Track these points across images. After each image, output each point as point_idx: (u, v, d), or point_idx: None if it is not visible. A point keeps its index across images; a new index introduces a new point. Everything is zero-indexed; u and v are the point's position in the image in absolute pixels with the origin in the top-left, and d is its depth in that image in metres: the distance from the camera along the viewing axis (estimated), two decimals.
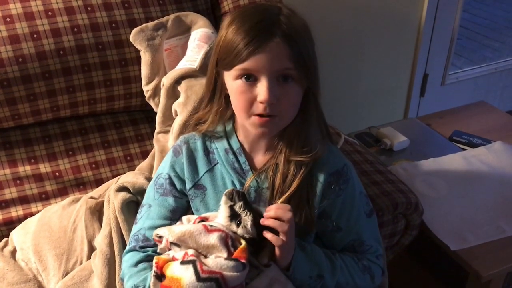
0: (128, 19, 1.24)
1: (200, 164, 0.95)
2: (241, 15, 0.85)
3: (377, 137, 1.65)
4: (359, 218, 0.96)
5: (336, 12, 1.83)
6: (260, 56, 0.81)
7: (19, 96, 1.18)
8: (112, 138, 1.30)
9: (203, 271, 0.78)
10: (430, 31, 2.12)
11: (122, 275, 0.95)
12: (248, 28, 0.82)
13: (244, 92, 0.84)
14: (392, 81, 2.18)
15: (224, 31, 0.85)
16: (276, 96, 0.83)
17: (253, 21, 0.82)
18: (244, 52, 0.81)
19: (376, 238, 1.00)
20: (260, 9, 0.88)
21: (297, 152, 0.89)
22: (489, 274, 1.22)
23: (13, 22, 1.16)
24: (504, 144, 1.59)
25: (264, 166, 0.92)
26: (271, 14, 0.84)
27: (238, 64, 0.82)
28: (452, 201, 1.40)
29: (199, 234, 0.82)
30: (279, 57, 0.81)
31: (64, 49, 1.19)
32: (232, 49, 0.82)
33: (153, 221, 0.95)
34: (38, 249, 1.09)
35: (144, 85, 1.24)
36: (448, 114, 1.83)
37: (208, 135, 0.96)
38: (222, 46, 0.85)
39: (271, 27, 0.81)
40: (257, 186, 0.92)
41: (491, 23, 3.72)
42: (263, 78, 0.82)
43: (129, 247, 0.97)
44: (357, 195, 0.96)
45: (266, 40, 0.80)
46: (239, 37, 0.82)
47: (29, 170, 1.22)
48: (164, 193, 0.96)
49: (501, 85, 2.56)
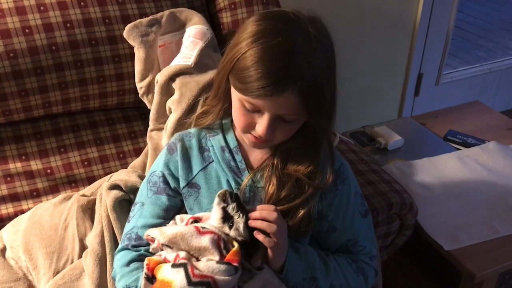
0: (122, 14, 1.22)
1: (195, 162, 0.94)
2: (267, 39, 0.78)
3: (371, 136, 1.65)
4: (354, 218, 0.95)
5: (331, 11, 1.82)
6: (270, 101, 0.79)
7: (10, 92, 1.16)
8: (105, 135, 1.28)
9: (195, 275, 0.77)
10: (425, 31, 2.13)
11: (114, 274, 0.94)
12: (268, 70, 0.77)
13: (245, 116, 0.84)
14: (387, 80, 2.18)
15: (245, 46, 0.79)
16: (273, 130, 0.83)
17: (276, 64, 0.77)
18: (256, 92, 0.78)
19: (370, 239, 1.00)
20: (287, 45, 0.78)
21: (297, 168, 0.89)
22: (482, 274, 1.22)
23: (4, 17, 1.14)
24: (498, 144, 1.59)
25: (261, 166, 0.91)
26: (296, 55, 0.77)
27: (247, 96, 0.81)
28: (446, 201, 1.40)
29: (191, 236, 0.81)
30: (288, 106, 0.80)
31: (56, 44, 1.17)
32: (245, 80, 0.79)
33: (146, 219, 0.94)
34: (29, 247, 1.08)
35: (137, 81, 1.23)
36: (443, 114, 1.83)
37: (203, 132, 0.95)
38: (238, 65, 0.80)
39: (290, 77, 0.77)
40: (252, 185, 0.91)
41: (485, 24, 3.73)
42: (266, 115, 0.82)
43: (121, 245, 0.96)
44: (352, 195, 0.95)
45: (281, 90, 0.77)
46: (257, 74, 0.77)
47: (20, 167, 1.20)
48: (158, 191, 0.94)
49: (495, 85, 2.57)
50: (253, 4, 1.32)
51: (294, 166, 0.89)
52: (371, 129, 1.66)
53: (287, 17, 0.82)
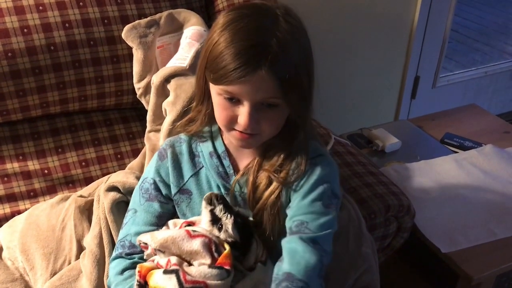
0: (121, 15, 1.22)
1: (185, 168, 0.93)
2: (236, 23, 0.79)
3: (369, 139, 1.65)
4: (314, 203, 0.87)
5: (329, 12, 1.83)
6: (246, 84, 0.78)
7: (8, 92, 1.16)
8: (103, 136, 1.28)
9: (187, 281, 0.77)
10: (422, 34, 2.13)
11: (109, 283, 0.94)
12: (238, 50, 0.77)
13: (226, 110, 0.83)
14: (383, 82, 2.19)
15: (216, 36, 0.80)
16: (257, 121, 0.82)
17: (245, 42, 0.77)
18: (230, 76, 0.77)
19: (319, 227, 0.86)
20: (255, 25, 0.80)
21: (272, 163, 0.88)
22: (479, 276, 1.22)
23: (2, 16, 1.13)
24: (494, 148, 1.60)
25: (246, 169, 0.90)
26: (266, 34, 0.78)
27: (223, 85, 0.80)
28: (443, 203, 1.40)
29: (182, 240, 0.81)
30: (264, 88, 0.78)
31: (55, 44, 1.17)
32: (219, 67, 0.79)
33: (139, 227, 0.93)
34: (26, 248, 1.07)
35: (135, 82, 1.23)
36: (440, 117, 1.84)
37: (194, 138, 0.95)
38: (211, 55, 0.81)
39: (261, 55, 0.76)
40: (240, 190, 0.90)
41: (481, 27, 3.75)
42: (245, 103, 0.81)
43: (115, 253, 0.95)
44: (321, 184, 0.88)
45: (254, 69, 0.76)
46: (228, 57, 0.77)
47: (17, 167, 1.20)
48: (150, 198, 0.94)
49: (491, 89, 2.58)
50: None
51: (268, 162, 0.88)
52: (369, 131, 1.67)
53: (256, 5, 0.84)
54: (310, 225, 0.85)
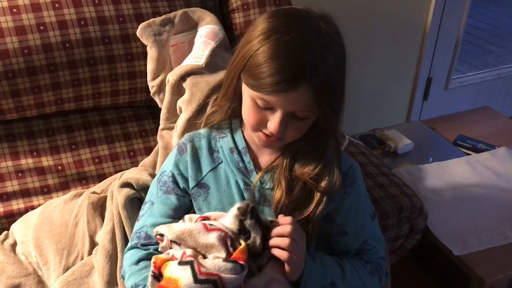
0: (136, 13, 1.23)
1: (204, 163, 0.94)
2: (279, 35, 0.78)
3: (381, 140, 1.64)
4: (365, 222, 0.95)
5: (343, 14, 1.81)
6: (282, 97, 0.79)
7: (24, 88, 1.17)
8: (116, 133, 1.29)
9: (201, 273, 0.77)
10: (435, 36, 2.12)
11: (123, 273, 0.94)
12: (281, 66, 0.76)
13: (256, 113, 0.83)
14: (396, 84, 2.18)
15: (257, 43, 0.79)
16: (285, 127, 0.83)
17: (288, 60, 0.77)
18: (269, 88, 0.78)
19: (378, 239, 0.99)
20: (299, 42, 0.78)
21: (305, 170, 0.88)
22: (492, 280, 1.22)
23: (19, 13, 1.14)
24: (508, 150, 1.59)
25: (269, 166, 0.91)
26: (310, 53, 0.77)
27: (259, 93, 0.80)
28: (456, 206, 1.39)
29: (199, 233, 0.81)
30: (300, 102, 0.79)
31: (70, 41, 1.17)
32: (258, 76, 0.79)
33: (156, 218, 0.94)
34: (39, 243, 1.08)
35: (149, 80, 1.23)
36: (452, 119, 1.83)
37: (213, 134, 0.95)
38: (251, 62, 0.80)
39: (303, 73, 0.77)
40: (260, 186, 0.91)
41: (494, 29, 3.72)
42: (278, 111, 0.81)
43: (130, 244, 0.96)
44: (362, 199, 0.95)
45: (294, 86, 0.77)
46: (270, 70, 0.77)
47: (31, 163, 1.21)
48: (167, 191, 0.94)
49: (504, 91, 2.56)
50: (266, 5, 1.32)
51: (301, 168, 0.88)
52: (381, 132, 1.66)
53: (298, 14, 0.82)
54: (371, 242, 0.96)
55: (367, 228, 0.95)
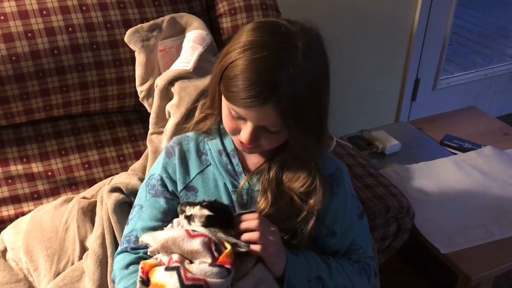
0: (123, 19, 1.24)
1: (192, 165, 0.95)
2: (255, 50, 0.79)
3: (369, 141, 1.66)
4: (352, 222, 0.97)
5: (329, 15, 1.84)
6: (251, 111, 0.80)
7: (12, 95, 1.17)
8: (105, 138, 1.29)
9: (187, 278, 0.77)
10: (422, 36, 2.14)
11: (113, 277, 0.95)
12: (250, 83, 0.78)
13: (231, 121, 0.86)
14: (384, 85, 2.20)
15: (235, 55, 0.80)
16: (257, 138, 0.85)
17: (258, 77, 0.78)
18: (239, 102, 0.80)
19: (367, 239, 1.01)
20: (272, 60, 0.79)
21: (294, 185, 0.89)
22: (478, 277, 1.23)
23: (7, 21, 1.15)
24: (493, 149, 1.61)
25: (258, 169, 0.92)
26: (279, 72, 0.78)
27: (232, 104, 0.82)
28: (443, 205, 1.41)
29: (182, 240, 0.82)
30: (268, 119, 0.81)
31: (58, 48, 1.18)
32: (231, 89, 0.80)
33: (145, 222, 0.94)
34: (29, 249, 1.09)
35: (138, 85, 1.24)
36: (440, 119, 1.85)
37: (201, 136, 0.97)
38: (227, 72, 0.82)
39: (270, 92, 0.77)
40: (249, 188, 0.92)
41: (481, 30, 3.76)
42: (249, 124, 0.83)
43: (120, 248, 0.96)
44: (349, 199, 0.96)
45: (261, 103, 0.78)
46: (241, 84, 0.78)
47: (21, 169, 1.21)
48: (156, 194, 0.95)
49: (491, 91, 2.59)
50: (253, 10, 1.34)
51: (289, 183, 0.89)
52: (369, 133, 1.68)
53: (278, 31, 0.81)
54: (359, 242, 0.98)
55: (355, 228, 0.97)
